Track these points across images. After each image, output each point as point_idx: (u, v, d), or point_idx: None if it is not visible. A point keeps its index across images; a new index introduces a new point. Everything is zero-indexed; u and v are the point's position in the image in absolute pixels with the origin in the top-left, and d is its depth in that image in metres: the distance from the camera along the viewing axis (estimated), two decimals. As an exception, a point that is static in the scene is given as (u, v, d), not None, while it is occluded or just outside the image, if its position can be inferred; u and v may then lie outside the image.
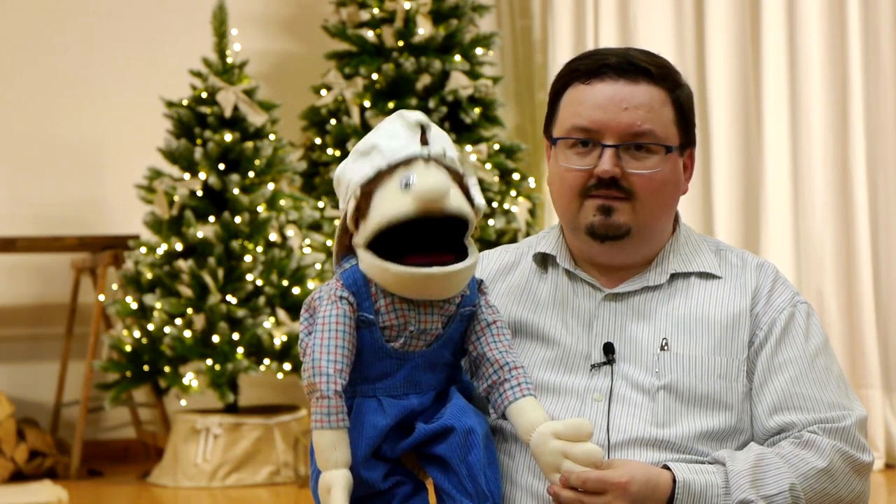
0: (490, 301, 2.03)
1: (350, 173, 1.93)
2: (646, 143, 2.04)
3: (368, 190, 1.90)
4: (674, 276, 2.11)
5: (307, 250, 5.63)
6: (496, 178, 5.87)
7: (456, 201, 1.89)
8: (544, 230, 2.22)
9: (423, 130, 1.92)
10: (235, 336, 5.39)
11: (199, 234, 5.43)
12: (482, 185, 5.79)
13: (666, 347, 2.05)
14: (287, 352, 5.47)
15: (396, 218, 1.87)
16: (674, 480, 1.94)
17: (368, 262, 1.91)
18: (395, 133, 1.91)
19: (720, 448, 2.03)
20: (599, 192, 2.04)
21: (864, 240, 5.58)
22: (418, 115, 1.94)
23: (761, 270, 2.13)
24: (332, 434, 1.88)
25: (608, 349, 2.06)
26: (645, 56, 2.09)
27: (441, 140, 1.93)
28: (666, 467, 1.96)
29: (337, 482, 1.86)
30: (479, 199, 1.95)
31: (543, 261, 2.17)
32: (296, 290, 5.51)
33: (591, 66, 2.07)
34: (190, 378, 5.40)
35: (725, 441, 2.03)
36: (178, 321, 5.41)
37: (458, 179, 1.93)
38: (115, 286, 5.78)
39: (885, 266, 5.65)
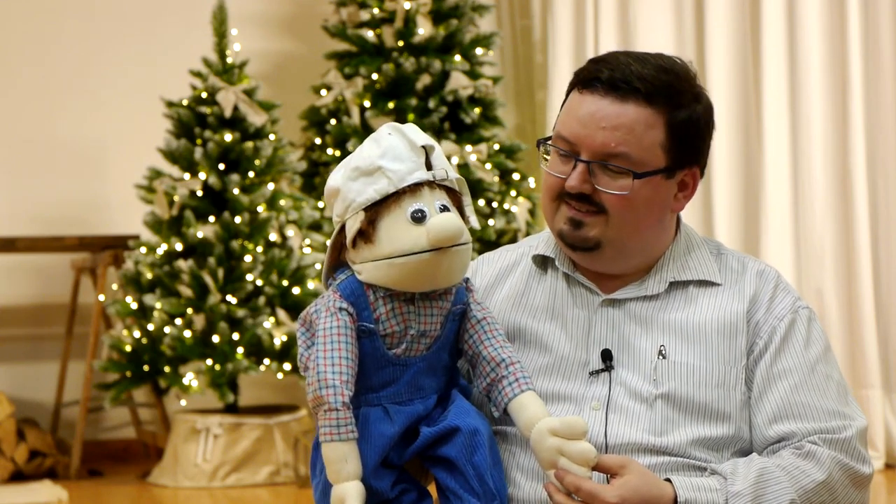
0: (477, 298, 2.04)
1: (351, 192, 1.92)
2: (618, 164, 2.01)
3: (373, 215, 1.90)
4: (672, 285, 2.10)
5: (307, 250, 5.63)
6: (496, 178, 5.87)
7: (465, 234, 1.92)
8: (546, 231, 2.21)
9: (427, 152, 1.92)
10: (235, 336, 5.39)
11: (199, 234, 5.43)
12: (482, 185, 5.79)
13: (664, 355, 2.04)
14: (287, 352, 5.47)
15: (410, 252, 1.89)
16: (675, 500, 1.93)
17: (371, 267, 1.92)
18: (400, 155, 1.91)
19: (718, 455, 2.02)
20: (571, 202, 2.04)
21: (864, 240, 5.58)
22: (423, 137, 1.94)
23: (762, 277, 2.11)
24: (342, 446, 1.88)
25: (606, 356, 2.05)
26: (651, 71, 2.03)
27: (442, 160, 1.94)
28: (669, 480, 1.96)
29: (351, 495, 1.86)
30: (474, 220, 1.98)
31: (543, 263, 2.16)
32: (296, 290, 5.51)
33: (588, 76, 2.05)
34: (190, 378, 5.40)
35: (723, 449, 2.03)
36: (178, 321, 5.41)
37: (456, 199, 1.95)
38: (115, 286, 5.79)
39: (885, 266, 5.65)
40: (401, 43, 5.88)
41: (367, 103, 5.85)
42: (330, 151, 5.90)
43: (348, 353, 1.90)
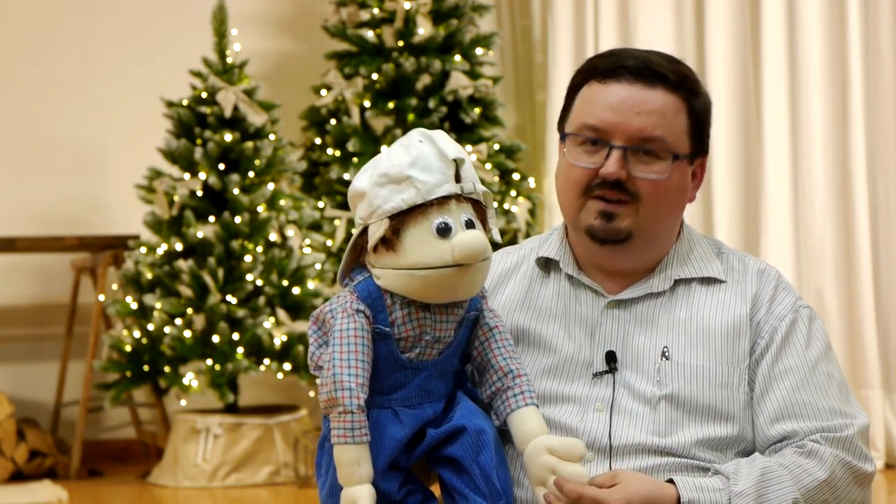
0: (490, 305, 2.04)
1: (377, 198, 1.90)
2: (654, 149, 2.03)
3: (398, 224, 1.89)
4: (676, 283, 2.10)
5: (307, 250, 5.63)
6: (496, 178, 5.87)
7: (489, 250, 1.92)
8: (547, 232, 2.20)
9: (457, 165, 1.91)
10: (235, 336, 5.39)
11: (199, 234, 5.43)
12: (482, 185, 5.79)
13: (667, 356, 2.05)
14: (287, 352, 5.47)
15: (435, 266, 1.88)
16: (678, 501, 1.93)
17: (392, 275, 1.91)
18: (430, 166, 1.90)
19: (721, 455, 2.02)
20: (603, 192, 2.04)
21: (864, 240, 5.58)
22: (454, 149, 1.92)
23: (762, 276, 2.11)
24: (355, 449, 1.88)
25: (610, 358, 2.05)
26: (665, 62, 2.08)
27: (471, 172, 1.93)
28: (671, 481, 1.96)
29: (362, 498, 1.87)
30: (496, 233, 1.97)
31: (546, 265, 2.16)
32: (296, 290, 5.51)
33: (610, 66, 2.06)
34: (190, 378, 5.40)
35: (727, 449, 2.03)
36: (178, 321, 5.41)
37: (481, 212, 1.95)
38: (115, 286, 5.78)
39: (885, 266, 5.65)
40: (401, 43, 5.88)
41: (367, 103, 5.85)
42: (330, 151, 5.90)
43: (364, 356, 1.90)
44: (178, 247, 5.47)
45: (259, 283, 5.45)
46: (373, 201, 1.91)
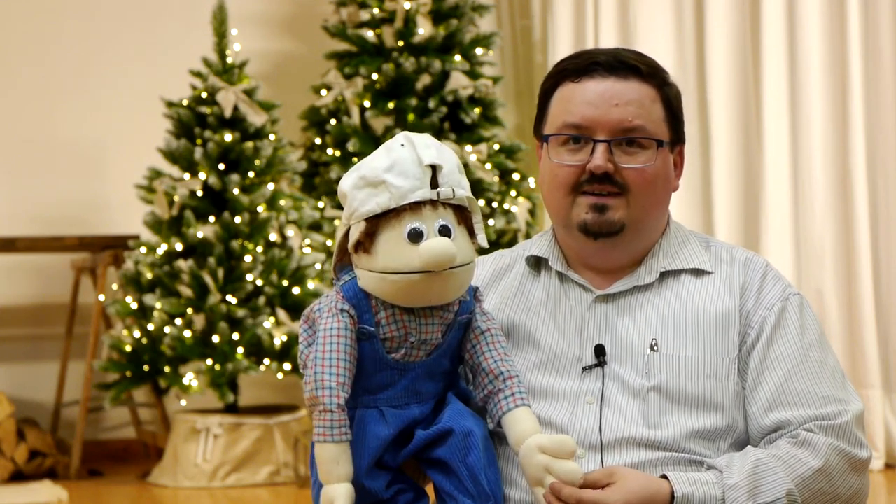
0: (485, 308, 2.05)
1: (355, 201, 1.93)
2: (637, 138, 2.06)
3: (373, 227, 1.90)
4: (664, 275, 2.12)
5: (307, 250, 5.63)
6: (496, 178, 5.87)
7: (460, 256, 1.91)
8: (538, 234, 2.23)
9: (435, 171, 1.92)
10: (235, 336, 5.39)
11: (199, 234, 5.43)
12: (482, 185, 5.79)
13: (656, 348, 2.06)
14: (287, 352, 5.47)
15: (402, 270, 1.89)
16: (672, 496, 1.94)
17: (367, 276, 1.93)
18: (405, 171, 1.91)
19: (713, 447, 2.03)
20: (592, 187, 2.06)
21: (864, 240, 5.58)
22: (432, 155, 1.92)
23: (749, 266, 2.13)
24: (334, 448, 1.89)
25: (599, 351, 2.06)
26: (634, 55, 2.12)
27: (452, 178, 1.93)
28: (665, 476, 1.96)
29: (339, 496, 1.88)
30: (482, 237, 1.97)
31: (536, 264, 2.18)
32: (296, 290, 5.51)
33: (581, 65, 2.09)
34: (190, 378, 5.41)
35: (718, 440, 2.04)
36: (178, 321, 5.41)
37: (464, 216, 1.95)
38: (115, 286, 5.79)
39: (885, 266, 5.64)
40: (401, 43, 5.88)
41: (367, 103, 5.85)
42: (330, 151, 5.90)
43: (346, 356, 1.91)
44: (178, 247, 5.47)
45: (259, 283, 5.45)
46: (352, 203, 1.93)
